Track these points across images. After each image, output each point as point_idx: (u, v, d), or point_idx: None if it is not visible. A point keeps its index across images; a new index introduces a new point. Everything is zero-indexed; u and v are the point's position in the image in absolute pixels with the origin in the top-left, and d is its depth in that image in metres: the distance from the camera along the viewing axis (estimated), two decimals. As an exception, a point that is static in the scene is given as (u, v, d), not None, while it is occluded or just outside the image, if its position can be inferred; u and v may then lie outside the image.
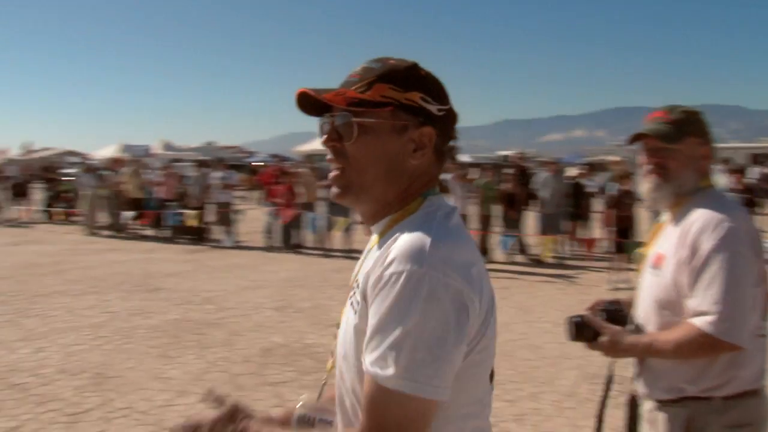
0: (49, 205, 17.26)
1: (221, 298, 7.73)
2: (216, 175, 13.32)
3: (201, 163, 15.32)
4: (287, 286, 8.55)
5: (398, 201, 1.17)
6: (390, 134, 1.14)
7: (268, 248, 12.12)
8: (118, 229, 14.63)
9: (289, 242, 12.11)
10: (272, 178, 13.00)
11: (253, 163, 31.26)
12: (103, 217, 14.88)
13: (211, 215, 13.20)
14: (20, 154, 25.02)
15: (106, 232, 14.50)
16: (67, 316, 6.73)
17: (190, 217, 12.86)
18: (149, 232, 14.41)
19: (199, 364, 5.17)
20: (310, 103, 1.18)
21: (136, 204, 14.56)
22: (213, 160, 15.63)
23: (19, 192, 17.35)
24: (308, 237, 12.25)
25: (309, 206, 12.23)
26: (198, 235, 13.10)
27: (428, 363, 1.01)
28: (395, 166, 1.15)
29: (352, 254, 10.88)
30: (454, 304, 1.03)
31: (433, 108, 1.15)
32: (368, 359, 1.04)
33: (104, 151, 27.14)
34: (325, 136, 1.17)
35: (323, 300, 7.69)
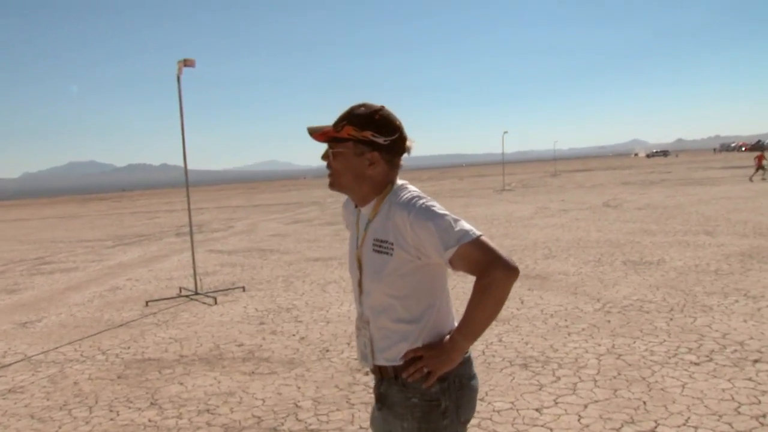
0: None
1: None
2: None
3: None
4: None
5: (373, 191, 1.90)
6: (352, 156, 1.86)
7: None
8: None
9: None
10: None
11: None
12: None
13: None
14: None
15: None
16: None
17: None
18: None
19: None
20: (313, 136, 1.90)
21: None
22: None
23: None
24: None
25: None
26: None
27: None
28: (359, 174, 1.88)
29: None
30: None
31: (380, 140, 1.83)
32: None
33: None
34: (324, 155, 1.93)
35: None
